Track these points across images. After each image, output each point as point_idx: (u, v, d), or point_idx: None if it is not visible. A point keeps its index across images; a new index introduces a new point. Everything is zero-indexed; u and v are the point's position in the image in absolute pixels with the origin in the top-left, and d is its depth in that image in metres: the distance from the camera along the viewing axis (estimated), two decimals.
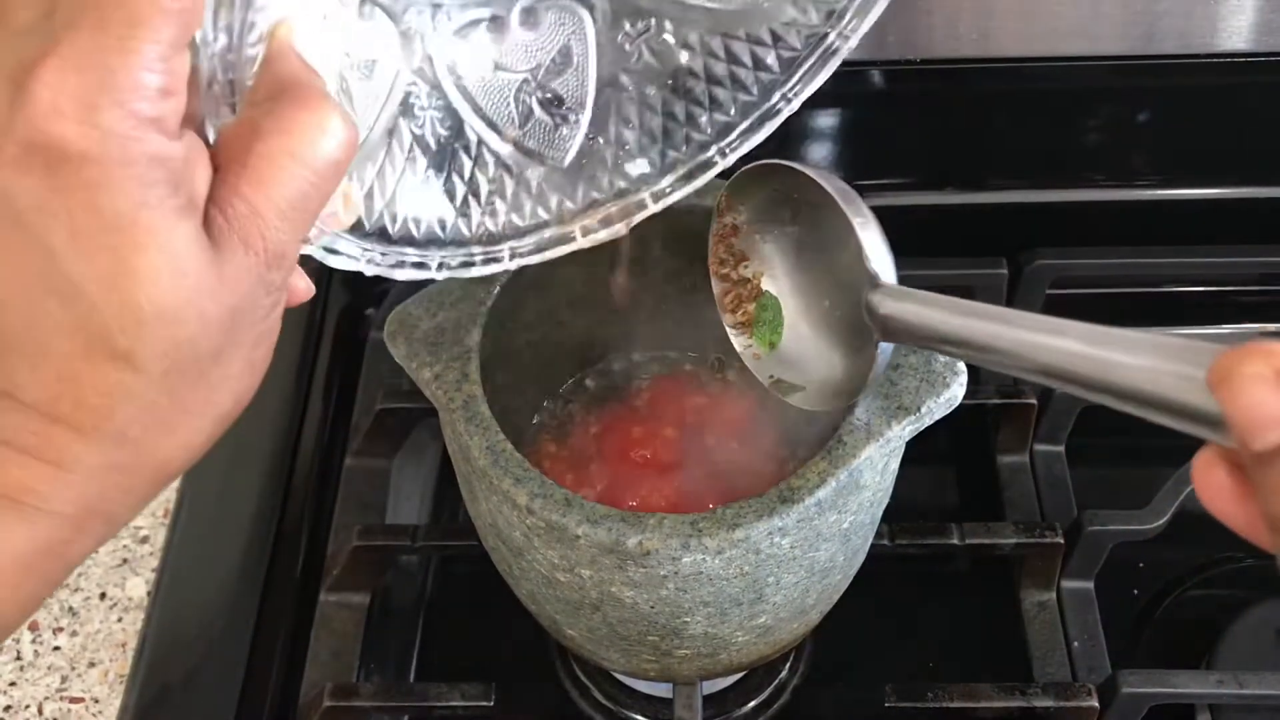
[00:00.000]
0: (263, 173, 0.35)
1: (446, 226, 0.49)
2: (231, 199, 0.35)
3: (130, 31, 0.32)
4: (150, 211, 0.33)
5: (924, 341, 0.45)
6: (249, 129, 0.35)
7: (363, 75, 0.45)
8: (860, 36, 0.48)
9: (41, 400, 0.34)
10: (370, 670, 0.67)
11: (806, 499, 0.49)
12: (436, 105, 0.48)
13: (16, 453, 0.35)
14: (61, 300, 0.33)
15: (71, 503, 0.36)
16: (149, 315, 0.33)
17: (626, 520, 0.49)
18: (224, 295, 0.35)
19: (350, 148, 0.36)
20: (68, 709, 0.65)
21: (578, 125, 0.51)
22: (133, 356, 0.34)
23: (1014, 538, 0.66)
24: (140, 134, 0.32)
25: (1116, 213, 0.80)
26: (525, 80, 0.50)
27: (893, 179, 0.81)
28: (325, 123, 0.36)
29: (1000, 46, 0.73)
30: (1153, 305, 0.81)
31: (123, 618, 0.68)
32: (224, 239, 0.35)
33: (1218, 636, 0.65)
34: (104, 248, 0.33)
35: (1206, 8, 0.71)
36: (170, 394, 0.35)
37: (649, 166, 0.51)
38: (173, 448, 0.37)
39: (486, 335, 0.55)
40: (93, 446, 0.35)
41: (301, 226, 0.36)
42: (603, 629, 0.54)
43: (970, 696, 0.61)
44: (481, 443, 0.51)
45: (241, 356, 0.37)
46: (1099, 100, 0.77)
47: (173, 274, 0.33)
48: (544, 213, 0.51)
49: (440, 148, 0.49)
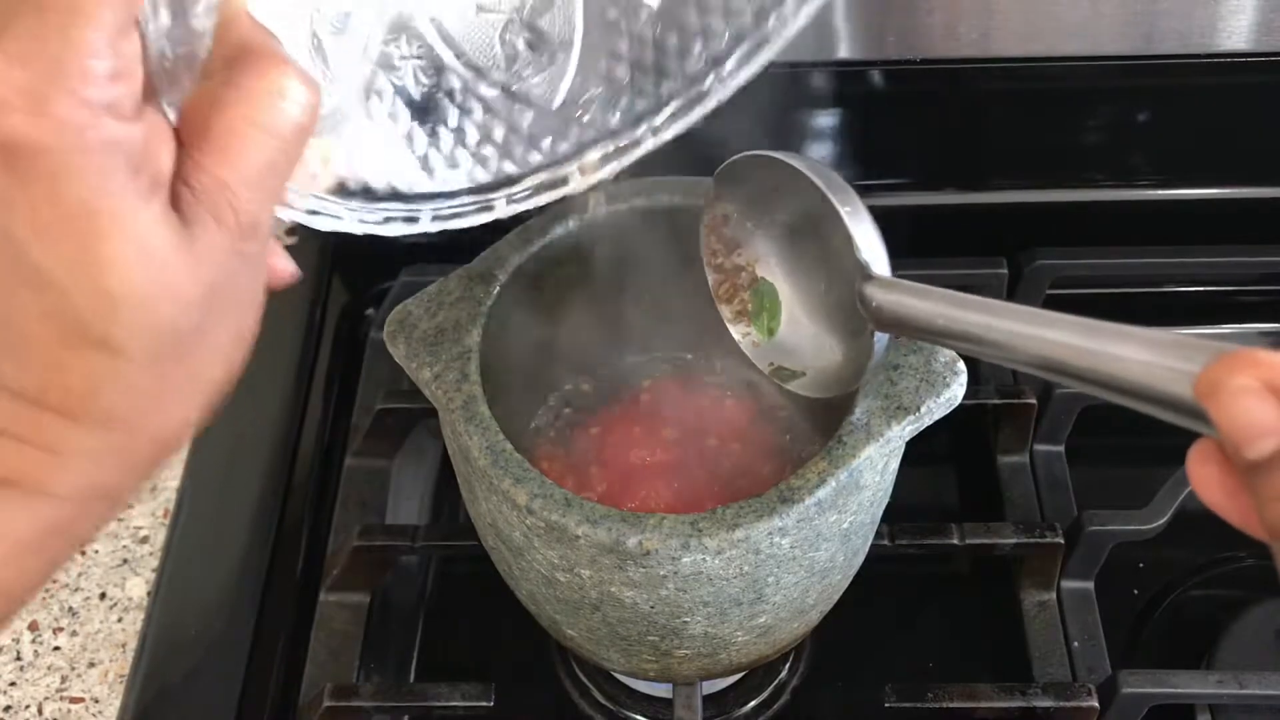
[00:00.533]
0: (226, 144, 0.35)
1: (434, 178, 0.48)
2: (197, 174, 0.34)
3: (70, 19, 0.31)
4: (112, 197, 0.33)
5: (917, 333, 0.45)
6: (208, 101, 0.35)
7: (335, 30, 0.44)
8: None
9: (29, 389, 0.34)
10: (370, 670, 0.67)
11: (806, 499, 0.49)
12: (417, 54, 0.47)
13: (13, 441, 0.35)
14: (34, 291, 0.33)
15: (71, 485, 0.36)
16: (121, 300, 0.33)
17: (626, 520, 0.49)
18: (198, 272, 0.34)
19: (313, 108, 0.36)
20: (68, 709, 0.65)
21: (567, 64, 0.49)
22: (111, 341, 0.34)
23: (1014, 538, 0.66)
24: (93, 120, 0.32)
25: (1116, 213, 0.80)
26: (510, 20, 0.48)
27: (893, 179, 0.81)
28: (284, 86, 0.35)
29: (1000, 46, 0.73)
30: (1153, 305, 0.81)
31: (123, 618, 0.68)
32: (193, 215, 0.34)
33: (1218, 636, 0.65)
34: (68, 236, 0.33)
35: (1206, 8, 0.71)
36: (156, 373, 0.35)
37: (643, 102, 0.49)
38: (165, 424, 0.37)
39: (486, 335, 0.55)
40: (85, 431, 0.35)
41: (272, 194, 0.36)
42: (603, 629, 0.54)
43: (970, 696, 0.61)
44: (481, 443, 0.51)
45: (228, 328, 0.37)
46: (1099, 100, 0.77)
47: (140, 257, 0.33)
48: (537, 156, 0.49)
49: (424, 98, 0.47)
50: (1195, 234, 0.78)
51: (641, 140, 0.49)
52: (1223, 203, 0.80)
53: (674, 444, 0.61)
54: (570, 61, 0.49)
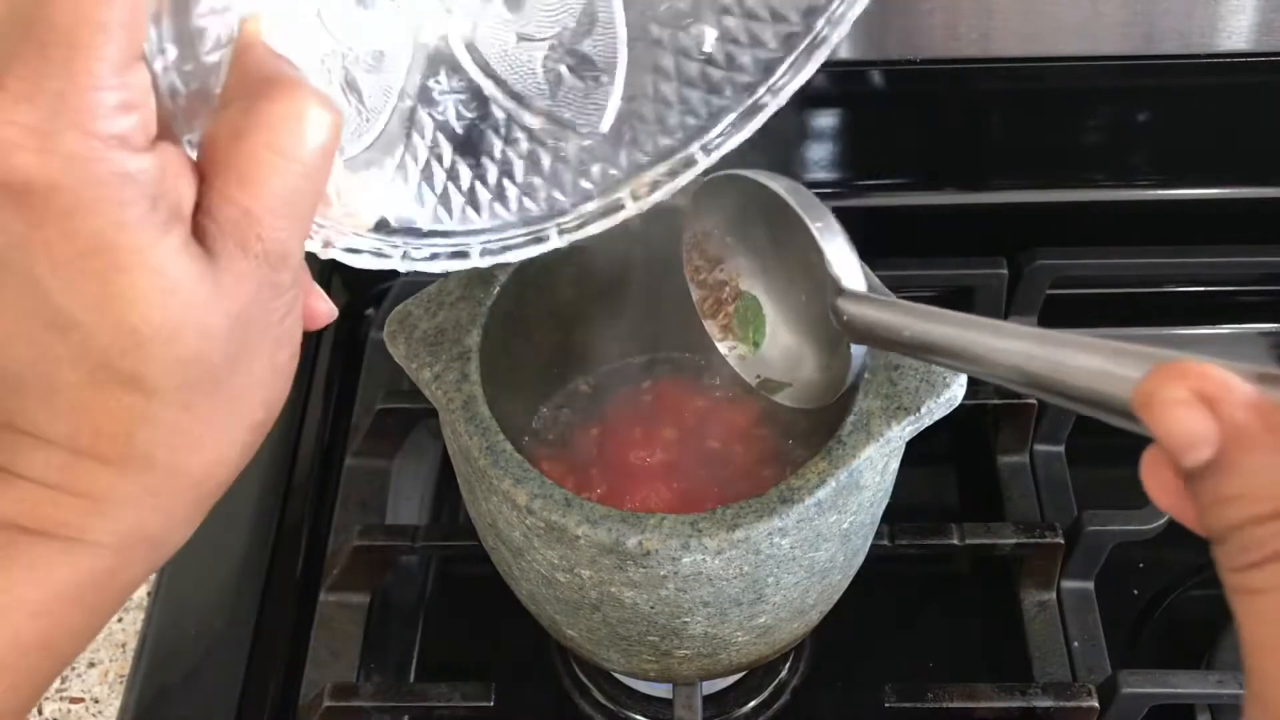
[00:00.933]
0: (247, 172, 0.34)
1: (481, 211, 0.46)
2: (220, 204, 0.34)
3: (71, 54, 0.31)
4: (128, 231, 0.32)
5: (888, 345, 0.45)
6: (228, 131, 0.34)
7: (370, 67, 0.44)
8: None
9: (62, 435, 0.34)
10: (370, 670, 0.67)
11: (806, 499, 0.49)
12: (457, 88, 0.46)
13: (47, 489, 0.34)
14: (58, 332, 0.33)
15: (109, 532, 0.35)
16: (146, 336, 0.33)
17: (626, 520, 0.49)
18: (225, 304, 0.34)
19: (334, 131, 0.35)
20: (68, 709, 0.65)
21: (612, 86, 0.47)
22: (140, 379, 0.33)
23: (1014, 538, 0.66)
24: (104, 154, 0.31)
25: (1116, 213, 0.80)
26: (552, 47, 0.47)
27: (893, 179, 0.81)
28: (303, 110, 0.34)
29: (1000, 46, 0.73)
30: (1153, 305, 0.81)
31: (123, 618, 0.67)
32: (218, 246, 0.34)
33: (1218, 636, 0.65)
34: (88, 273, 0.32)
35: (1206, 8, 0.71)
36: (189, 411, 0.34)
37: (694, 119, 0.47)
38: (205, 464, 0.36)
39: (486, 335, 0.55)
40: (120, 475, 0.34)
41: (299, 221, 0.35)
42: (603, 629, 0.54)
43: (970, 696, 0.61)
44: (481, 443, 0.51)
45: (263, 362, 0.36)
46: (1099, 100, 0.77)
47: (163, 290, 0.32)
48: (587, 184, 0.47)
49: (466, 131, 0.46)
50: (1195, 234, 0.78)
51: (694, 159, 0.48)
52: (1223, 203, 0.80)
53: (674, 444, 0.61)
54: (616, 83, 0.47)
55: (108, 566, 0.35)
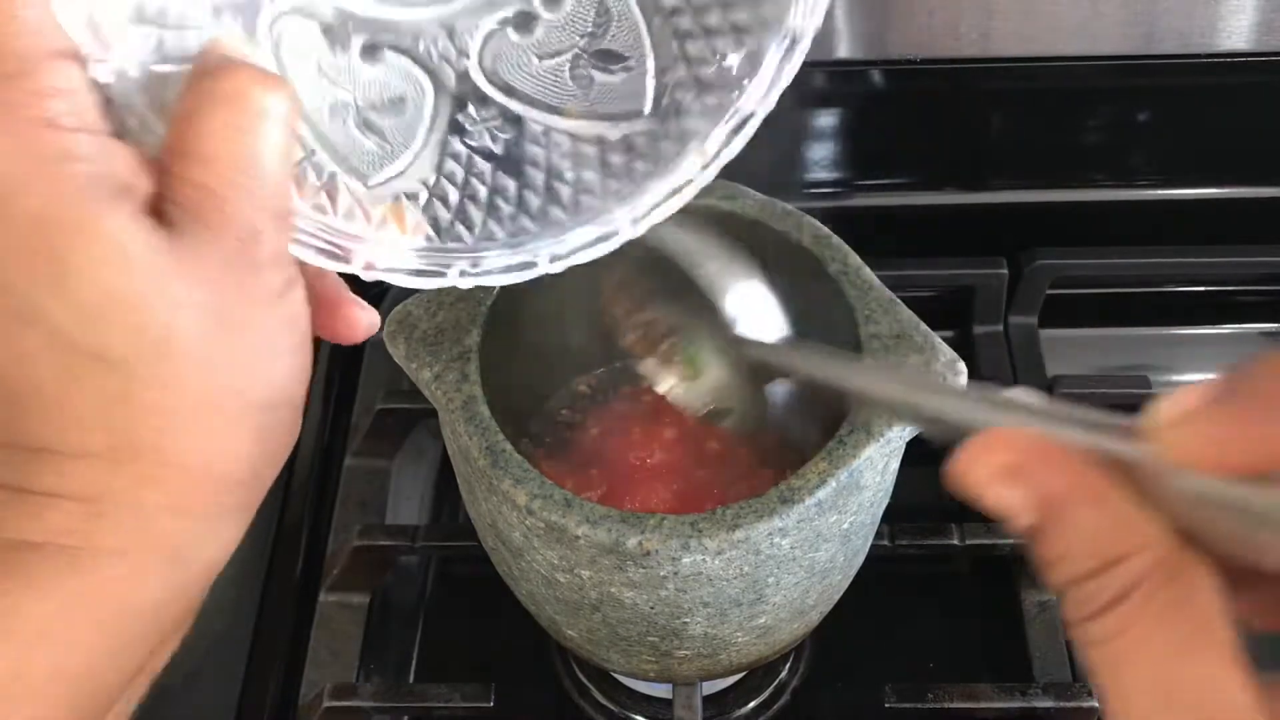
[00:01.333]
0: (201, 149, 0.34)
1: (534, 218, 0.46)
2: (177, 185, 0.34)
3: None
4: (70, 205, 0.32)
5: (790, 378, 0.48)
6: (180, 115, 0.34)
7: (392, 113, 0.43)
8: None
9: (52, 437, 0.33)
10: (370, 670, 0.67)
11: (806, 499, 0.49)
12: (488, 115, 0.45)
13: (49, 498, 0.33)
14: (28, 324, 0.32)
15: (113, 534, 0.34)
16: (105, 306, 0.32)
17: (626, 521, 0.49)
18: (191, 274, 0.33)
19: (285, 101, 0.35)
20: None
21: (645, 68, 0.46)
22: (105, 352, 0.32)
23: (1014, 538, 0.66)
24: (33, 133, 0.31)
25: (1116, 213, 0.80)
26: (574, 56, 0.46)
27: (893, 179, 0.81)
28: (249, 84, 0.34)
29: (1000, 46, 0.73)
30: (1153, 305, 0.81)
31: None
32: (180, 222, 0.34)
33: None
34: (38, 252, 0.32)
35: (1206, 8, 0.71)
36: (169, 388, 0.33)
37: (735, 63, 0.45)
38: (203, 451, 0.35)
39: (486, 335, 0.55)
40: (111, 467, 0.33)
41: (262, 195, 0.35)
42: (602, 630, 0.54)
43: (970, 697, 0.61)
44: (481, 443, 0.51)
45: (256, 343, 0.35)
46: (1099, 100, 0.77)
47: (116, 260, 0.32)
48: (645, 165, 0.46)
49: (506, 150, 0.46)
50: (1195, 234, 0.78)
51: (752, 109, 0.45)
52: (1223, 203, 0.80)
53: (674, 444, 0.61)
54: (648, 65, 0.47)
55: (120, 575, 0.34)
